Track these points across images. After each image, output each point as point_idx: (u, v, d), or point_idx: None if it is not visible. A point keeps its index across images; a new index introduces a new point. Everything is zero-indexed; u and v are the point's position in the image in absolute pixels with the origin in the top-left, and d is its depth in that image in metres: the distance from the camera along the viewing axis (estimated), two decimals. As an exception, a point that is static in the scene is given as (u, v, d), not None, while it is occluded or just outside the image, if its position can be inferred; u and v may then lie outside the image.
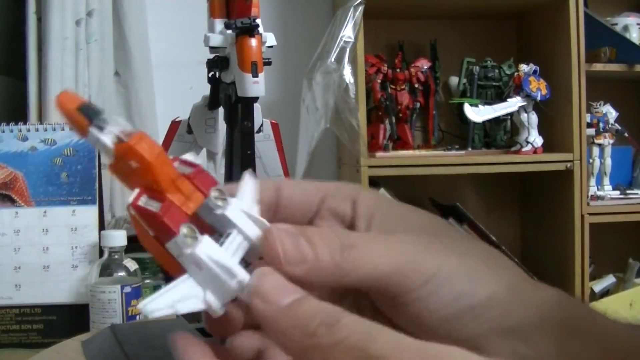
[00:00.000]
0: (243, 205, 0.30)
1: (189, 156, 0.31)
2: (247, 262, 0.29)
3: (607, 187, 1.66)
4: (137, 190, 0.29)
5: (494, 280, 0.29)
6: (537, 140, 1.54)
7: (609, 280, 1.72)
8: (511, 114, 1.58)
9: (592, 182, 1.65)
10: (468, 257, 0.29)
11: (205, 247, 0.28)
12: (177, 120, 0.69)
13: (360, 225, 0.32)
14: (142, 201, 0.29)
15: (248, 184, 0.31)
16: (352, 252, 0.28)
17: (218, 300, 0.28)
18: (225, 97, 0.63)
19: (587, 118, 1.57)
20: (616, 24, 1.68)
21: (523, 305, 0.29)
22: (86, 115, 0.29)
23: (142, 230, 0.29)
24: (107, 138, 0.29)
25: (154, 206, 0.29)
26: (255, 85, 0.59)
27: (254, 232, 0.29)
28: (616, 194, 1.64)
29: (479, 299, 0.28)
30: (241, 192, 0.31)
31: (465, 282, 0.28)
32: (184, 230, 0.28)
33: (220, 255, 0.28)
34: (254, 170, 0.63)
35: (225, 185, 0.30)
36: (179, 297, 0.28)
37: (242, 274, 0.28)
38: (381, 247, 0.28)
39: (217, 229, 0.30)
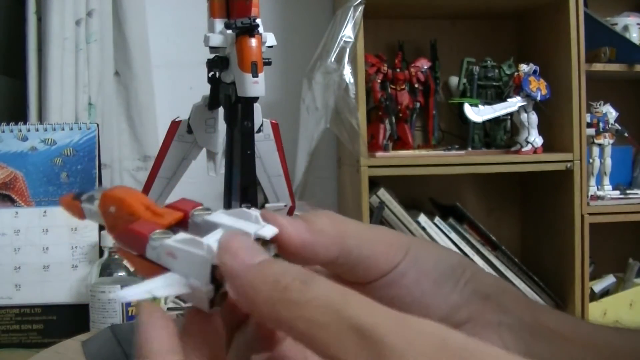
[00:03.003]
0: (229, 214, 0.30)
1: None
2: None
3: (607, 187, 1.66)
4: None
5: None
6: (537, 140, 1.54)
7: (609, 280, 1.72)
8: (511, 114, 1.58)
9: (592, 182, 1.65)
10: (431, 242, 0.34)
11: (177, 237, 0.28)
12: (177, 120, 0.69)
13: None
14: None
15: (254, 211, 0.32)
16: (347, 225, 0.31)
17: (201, 281, 0.27)
18: (225, 97, 0.63)
19: (587, 118, 1.57)
20: (616, 24, 1.68)
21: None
22: (76, 198, 0.34)
23: (132, 258, 0.30)
24: (94, 205, 0.33)
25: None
26: (255, 85, 0.59)
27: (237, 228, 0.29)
28: (616, 194, 1.63)
29: (453, 263, 0.32)
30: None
31: (437, 253, 0.33)
32: (155, 232, 0.29)
33: (188, 235, 0.28)
34: (254, 170, 0.63)
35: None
36: (157, 285, 0.27)
37: (210, 242, 0.27)
38: (362, 225, 0.32)
39: None
